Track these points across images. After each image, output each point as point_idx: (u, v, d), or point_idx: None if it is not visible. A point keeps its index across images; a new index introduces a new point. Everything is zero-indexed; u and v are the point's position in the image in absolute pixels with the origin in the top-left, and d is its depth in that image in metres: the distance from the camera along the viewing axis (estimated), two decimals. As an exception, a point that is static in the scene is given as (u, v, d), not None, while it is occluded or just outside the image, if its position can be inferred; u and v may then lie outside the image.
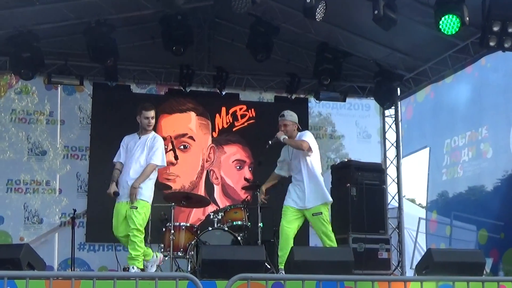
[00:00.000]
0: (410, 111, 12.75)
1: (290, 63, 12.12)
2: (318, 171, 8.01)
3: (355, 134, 13.38)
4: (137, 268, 7.51)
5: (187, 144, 12.15)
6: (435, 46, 10.75)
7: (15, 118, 11.76)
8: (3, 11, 9.60)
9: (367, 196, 10.51)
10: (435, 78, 11.51)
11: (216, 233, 9.18)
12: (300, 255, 7.04)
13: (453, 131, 11.23)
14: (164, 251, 9.06)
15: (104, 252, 7.99)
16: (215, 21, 11.92)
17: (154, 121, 7.87)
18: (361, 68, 12.40)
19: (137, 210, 7.56)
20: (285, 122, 8.00)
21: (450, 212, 11.15)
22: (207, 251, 7.12)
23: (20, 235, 11.33)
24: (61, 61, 11.26)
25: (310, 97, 12.76)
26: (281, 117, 8.06)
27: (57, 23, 10.33)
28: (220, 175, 12.26)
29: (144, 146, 7.77)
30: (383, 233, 10.71)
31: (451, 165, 11.29)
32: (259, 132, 11.70)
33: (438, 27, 8.71)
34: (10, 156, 11.63)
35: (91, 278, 4.89)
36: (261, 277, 5.53)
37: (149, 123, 7.76)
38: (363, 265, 9.19)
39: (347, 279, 5.85)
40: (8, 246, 8.85)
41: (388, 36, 10.22)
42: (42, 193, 11.65)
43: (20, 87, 11.84)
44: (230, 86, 12.30)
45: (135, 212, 7.54)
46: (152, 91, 12.49)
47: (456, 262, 7.05)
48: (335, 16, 10.02)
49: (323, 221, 7.86)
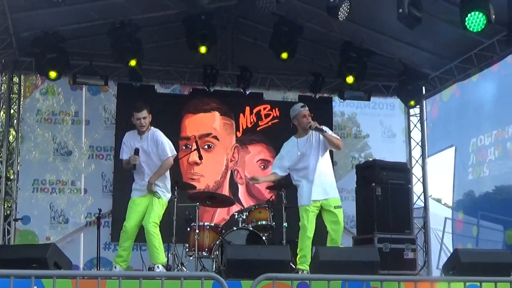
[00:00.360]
0: (435, 110, 12.66)
1: (314, 62, 12.10)
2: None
3: (379, 134, 13.30)
4: (162, 267, 7.56)
5: (211, 144, 12.17)
6: (460, 44, 10.68)
7: (41, 118, 11.84)
8: (29, 13, 9.69)
9: (392, 195, 10.44)
10: (460, 77, 11.42)
11: (241, 232, 9.19)
12: (325, 255, 7.03)
13: (479, 130, 11.13)
14: (189, 251, 9.10)
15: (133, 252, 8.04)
16: (239, 20, 11.95)
17: (148, 120, 7.89)
18: (386, 67, 12.34)
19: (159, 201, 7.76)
20: (309, 113, 8.01)
21: (476, 212, 11.05)
22: (232, 251, 7.14)
23: (46, 234, 11.42)
24: (86, 61, 11.35)
25: (334, 97, 12.72)
26: (304, 108, 8.04)
27: (82, 23, 10.39)
28: (244, 175, 12.26)
29: (148, 146, 7.88)
30: (408, 233, 10.64)
31: (477, 164, 11.19)
32: (283, 131, 11.56)
33: (464, 24, 8.64)
34: (36, 156, 11.72)
35: (117, 277, 4.92)
36: (287, 277, 5.53)
37: (141, 123, 7.84)
38: (388, 265, 9.13)
39: (373, 279, 5.83)
40: (34, 246, 8.94)
41: (413, 35, 10.15)
42: (68, 193, 11.72)
43: (45, 87, 11.92)
44: (254, 85, 12.30)
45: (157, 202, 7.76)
46: (176, 91, 12.52)
47: (483, 263, 7.01)
48: (359, 14, 9.97)
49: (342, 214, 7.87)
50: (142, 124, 7.82)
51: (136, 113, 7.84)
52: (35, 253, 6.82)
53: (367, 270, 6.79)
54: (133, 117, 7.89)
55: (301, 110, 8.00)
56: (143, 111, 7.85)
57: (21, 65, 11.34)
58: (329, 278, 5.10)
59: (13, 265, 6.21)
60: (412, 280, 6.03)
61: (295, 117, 8.05)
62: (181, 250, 9.26)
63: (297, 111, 8.03)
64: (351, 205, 11.38)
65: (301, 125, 8.01)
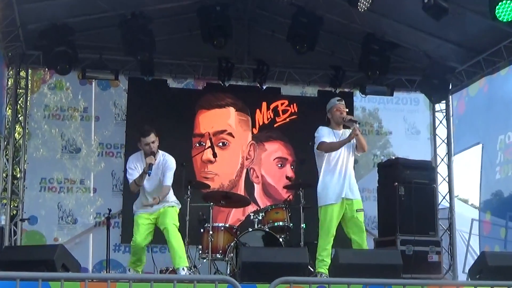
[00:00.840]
0: (462, 106, 12.58)
1: (334, 55, 12.07)
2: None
3: (403, 130, 13.24)
4: (187, 269, 7.64)
5: (226, 141, 12.17)
6: (489, 36, 10.60)
7: (49, 114, 11.88)
8: (37, 4, 9.74)
9: (416, 195, 10.41)
10: (489, 70, 11.35)
11: (257, 234, 9.21)
12: (345, 257, 7.02)
13: (508, 126, 11.04)
14: (203, 253, 9.12)
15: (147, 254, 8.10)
16: (256, 11, 11.91)
17: (157, 143, 7.89)
18: (410, 60, 12.28)
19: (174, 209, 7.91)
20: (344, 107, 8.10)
21: (505, 213, 10.96)
22: (248, 253, 7.15)
23: (54, 235, 11.47)
24: (96, 55, 11.38)
25: (355, 91, 12.69)
26: (340, 101, 8.09)
27: (92, 15, 10.44)
28: (260, 174, 12.27)
29: (156, 170, 7.88)
30: (433, 235, 10.60)
31: (505, 162, 11.10)
32: (301, 128, 11.67)
33: (494, 14, 8.59)
34: (43, 153, 11.77)
35: (128, 280, 4.94)
36: (304, 280, 5.53)
37: (151, 149, 7.81)
38: (412, 268, 9.09)
39: (395, 283, 5.82)
40: (42, 247, 8.98)
41: (438, 26, 10.09)
42: (76, 192, 11.76)
43: (53, 82, 11.95)
44: (271, 80, 12.30)
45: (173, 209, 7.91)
46: (190, 85, 12.53)
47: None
48: (382, 5, 9.94)
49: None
50: (152, 149, 7.81)
51: (143, 138, 7.83)
52: (42, 254, 6.87)
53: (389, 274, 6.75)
54: (141, 143, 7.89)
55: (337, 104, 8.05)
56: (151, 135, 7.83)
57: (28, 59, 11.39)
58: (349, 282, 5.10)
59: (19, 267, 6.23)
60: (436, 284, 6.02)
61: (330, 110, 8.09)
62: (194, 252, 9.29)
63: (332, 103, 8.09)
64: (373, 205, 11.36)
65: (333, 118, 8.06)
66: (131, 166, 8.02)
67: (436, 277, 10.09)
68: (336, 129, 8.05)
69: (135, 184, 7.88)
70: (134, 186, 7.92)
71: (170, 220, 7.78)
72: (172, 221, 7.81)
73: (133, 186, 7.93)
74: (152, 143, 7.79)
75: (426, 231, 10.42)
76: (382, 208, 10.90)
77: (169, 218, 7.79)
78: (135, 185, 7.90)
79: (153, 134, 7.84)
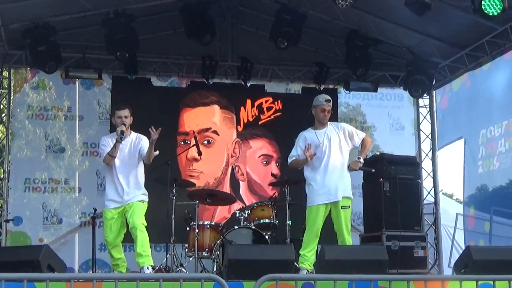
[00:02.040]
0: (445, 101, 12.63)
1: (318, 52, 12.10)
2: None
3: (387, 126, 13.28)
4: (151, 268, 7.61)
5: (211, 139, 12.15)
6: (471, 31, 10.65)
7: (32, 114, 11.81)
8: (18, 3, 9.67)
9: (401, 191, 10.43)
10: (472, 66, 11.40)
11: (243, 231, 9.20)
12: (331, 254, 7.04)
13: (489, 121, 11.10)
14: (189, 251, 9.12)
15: (126, 253, 8.01)
16: (239, 9, 11.91)
17: (130, 121, 7.91)
18: (393, 56, 12.33)
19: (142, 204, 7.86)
20: (330, 109, 8.21)
21: (489, 207, 11.02)
22: (234, 250, 7.15)
23: (39, 236, 11.40)
24: (79, 54, 11.31)
25: (339, 88, 12.69)
26: (328, 102, 8.19)
27: (74, 14, 10.35)
28: (246, 171, 12.27)
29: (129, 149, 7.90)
30: (418, 230, 10.64)
31: (487, 156, 11.16)
32: (286, 125, 11.70)
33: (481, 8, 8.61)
34: (27, 154, 11.69)
35: (114, 280, 4.93)
36: (291, 277, 5.54)
37: (122, 121, 7.82)
38: (397, 264, 9.12)
39: (381, 278, 5.84)
40: (27, 248, 8.95)
41: (421, 22, 10.13)
42: (61, 192, 11.70)
43: (36, 81, 11.90)
44: (255, 77, 12.29)
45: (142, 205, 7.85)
46: (174, 83, 12.51)
47: (496, 260, 7.01)
48: (365, 1, 9.96)
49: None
50: (123, 123, 7.80)
51: (117, 111, 7.90)
52: (27, 255, 6.83)
53: (375, 269, 6.80)
54: (114, 117, 7.94)
55: (323, 104, 8.16)
56: (125, 109, 7.88)
57: (10, 59, 11.33)
58: (335, 278, 5.10)
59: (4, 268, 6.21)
60: (422, 279, 6.03)
61: (315, 107, 8.20)
62: (180, 250, 9.28)
63: (319, 102, 8.20)
64: (358, 201, 11.35)
65: (316, 117, 8.20)
66: (103, 142, 8.00)
67: (422, 272, 10.12)
68: (319, 128, 8.18)
69: (109, 156, 7.79)
70: (108, 158, 7.81)
71: (138, 220, 7.70)
72: (141, 221, 7.72)
73: (107, 158, 7.82)
74: (125, 117, 7.83)
75: (411, 226, 10.46)
76: (368, 204, 10.92)
77: (138, 218, 7.71)
78: (109, 157, 7.79)
79: (127, 110, 7.89)
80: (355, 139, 8.23)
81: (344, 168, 8.10)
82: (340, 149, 8.10)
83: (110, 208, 7.88)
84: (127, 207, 7.80)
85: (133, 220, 7.70)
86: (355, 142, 8.24)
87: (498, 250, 7.88)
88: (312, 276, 6.95)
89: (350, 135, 8.20)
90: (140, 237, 7.65)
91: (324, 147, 8.04)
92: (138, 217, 7.72)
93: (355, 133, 8.26)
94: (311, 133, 8.18)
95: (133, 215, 7.72)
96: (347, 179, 8.14)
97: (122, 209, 7.85)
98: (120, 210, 7.85)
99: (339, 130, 8.18)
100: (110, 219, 7.85)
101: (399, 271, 8.97)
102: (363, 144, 8.28)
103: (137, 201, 7.83)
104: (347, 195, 8.04)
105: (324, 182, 7.97)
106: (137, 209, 7.77)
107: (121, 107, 7.92)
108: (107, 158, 7.83)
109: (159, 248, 10.80)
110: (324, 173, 7.99)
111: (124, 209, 7.83)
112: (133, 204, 7.80)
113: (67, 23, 10.70)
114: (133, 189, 7.85)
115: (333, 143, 8.07)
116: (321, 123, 8.16)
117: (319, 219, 7.90)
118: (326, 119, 8.15)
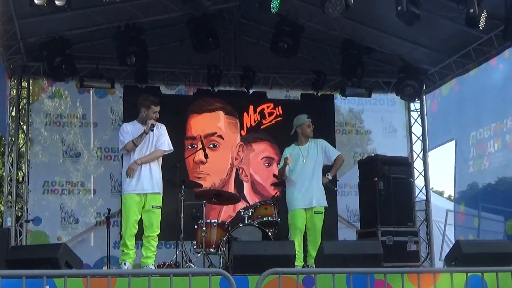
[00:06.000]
0: (435, 105, 12.62)
1: (315, 60, 12.12)
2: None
3: (381, 129, 13.29)
4: (152, 266, 7.63)
5: (216, 143, 12.16)
6: (458, 40, 10.67)
7: (49, 121, 11.85)
8: (36, 18, 9.71)
9: (395, 189, 10.45)
10: (459, 72, 11.41)
11: (247, 229, 9.21)
12: (330, 249, 7.04)
13: (479, 123, 11.09)
14: (197, 248, 9.12)
15: (139, 250, 8.02)
16: (241, 21, 11.93)
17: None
18: (386, 64, 12.34)
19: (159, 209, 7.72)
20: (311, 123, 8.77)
21: (477, 203, 11.01)
22: (239, 247, 7.15)
23: (58, 235, 11.44)
24: (92, 65, 11.36)
25: (336, 94, 12.70)
26: (309, 119, 8.72)
27: (88, 28, 10.44)
28: (249, 172, 12.27)
29: (153, 138, 7.80)
30: (411, 226, 10.65)
31: (478, 157, 11.14)
32: (286, 129, 11.54)
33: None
34: (45, 158, 11.72)
35: (127, 275, 4.94)
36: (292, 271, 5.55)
37: (156, 117, 7.77)
38: (392, 257, 9.14)
39: (377, 271, 5.84)
40: (46, 246, 8.95)
41: (412, 31, 10.14)
42: (78, 194, 11.75)
43: (53, 91, 11.93)
44: (257, 84, 12.32)
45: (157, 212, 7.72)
46: (181, 91, 12.52)
47: (484, 253, 7.00)
48: (359, 12, 9.98)
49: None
50: (157, 117, 7.78)
51: (154, 106, 7.76)
52: (46, 253, 6.85)
53: (371, 263, 6.79)
54: (148, 111, 7.74)
55: (306, 121, 8.67)
56: (159, 106, 7.82)
57: (29, 70, 11.36)
58: (334, 272, 5.11)
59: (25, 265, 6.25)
60: (415, 272, 6.03)
61: (300, 126, 8.69)
62: (189, 247, 9.30)
63: (303, 120, 8.71)
64: (354, 199, 11.42)
65: (304, 134, 8.67)
66: (125, 130, 7.87)
67: (415, 265, 10.12)
68: (302, 144, 8.71)
69: (132, 143, 7.65)
70: (131, 145, 7.66)
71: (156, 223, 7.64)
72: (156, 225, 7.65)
73: (129, 145, 7.67)
74: (158, 113, 7.79)
75: (404, 223, 10.47)
76: (363, 202, 10.94)
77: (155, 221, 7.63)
78: (132, 144, 7.65)
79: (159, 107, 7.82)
80: (331, 156, 8.69)
81: (320, 180, 8.58)
82: (319, 165, 8.62)
83: (130, 193, 7.67)
84: (148, 198, 7.67)
85: (150, 220, 7.63)
86: (330, 159, 8.69)
87: (486, 243, 7.85)
88: (312, 270, 6.96)
89: (326, 152, 8.68)
90: (154, 246, 7.68)
91: (306, 161, 8.55)
92: (155, 221, 7.64)
93: (331, 151, 8.75)
94: (295, 149, 8.68)
95: (151, 218, 7.63)
96: (322, 190, 8.61)
97: (143, 197, 7.68)
98: (141, 196, 7.67)
99: (318, 146, 8.66)
100: (132, 203, 7.63)
101: (394, 264, 8.98)
102: (336, 162, 8.72)
103: (157, 194, 7.70)
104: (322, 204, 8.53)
105: (300, 193, 8.50)
106: (156, 214, 7.67)
107: (158, 103, 7.81)
108: (129, 145, 7.68)
109: (169, 245, 10.85)
110: (302, 186, 8.51)
111: (144, 197, 7.67)
112: (153, 198, 7.66)
113: (81, 36, 10.76)
114: (152, 186, 7.72)
115: (312, 158, 8.56)
116: (307, 137, 8.65)
117: (299, 218, 8.46)
118: (312, 133, 8.67)
